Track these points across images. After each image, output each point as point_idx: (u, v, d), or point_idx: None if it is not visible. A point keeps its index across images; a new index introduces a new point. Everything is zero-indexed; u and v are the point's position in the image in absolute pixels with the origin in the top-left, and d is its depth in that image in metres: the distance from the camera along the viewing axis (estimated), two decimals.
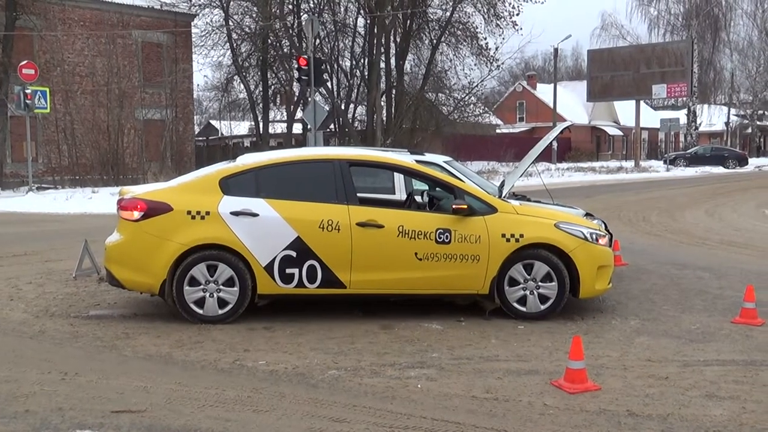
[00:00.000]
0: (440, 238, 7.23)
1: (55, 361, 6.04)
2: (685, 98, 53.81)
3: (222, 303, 7.18)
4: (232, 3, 38.13)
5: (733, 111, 68.62)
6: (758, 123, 71.34)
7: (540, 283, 7.41)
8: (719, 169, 46.96)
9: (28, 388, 5.27)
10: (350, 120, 39.61)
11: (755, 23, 64.04)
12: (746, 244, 13.75)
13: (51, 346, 6.57)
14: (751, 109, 69.29)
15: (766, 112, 70.88)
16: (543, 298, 7.42)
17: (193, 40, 37.52)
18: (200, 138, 51.75)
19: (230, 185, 7.33)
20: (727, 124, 69.01)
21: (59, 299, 8.46)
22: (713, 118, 68.86)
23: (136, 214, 7.23)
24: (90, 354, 6.32)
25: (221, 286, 7.15)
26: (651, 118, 64.13)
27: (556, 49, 57.37)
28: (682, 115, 58.34)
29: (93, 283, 9.26)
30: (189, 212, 7.17)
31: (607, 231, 8.52)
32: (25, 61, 25.18)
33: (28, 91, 24.05)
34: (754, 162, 54.67)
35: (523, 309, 7.42)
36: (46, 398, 5.05)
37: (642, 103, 53.69)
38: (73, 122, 29.64)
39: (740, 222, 17.84)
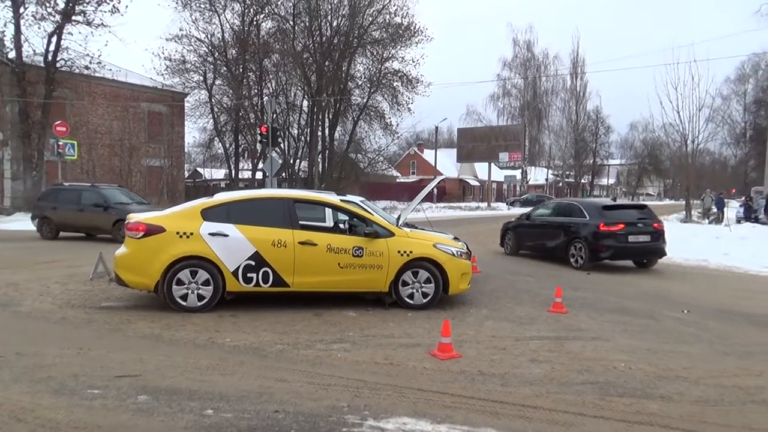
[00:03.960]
0: (356, 253, 7.23)
1: (72, 339, 5.70)
2: (519, 162, 55.81)
3: (200, 297, 6.95)
4: (214, 86, 37.54)
5: (550, 171, 71.54)
6: (566, 180, 74.65)
7: (423, 285, 7.48)
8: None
9: (51, 359, 4.97)
10: (296, 170, 39.26)
11: (564, 115, 67.15)
12: (555, 260, 14.24)
13: (70, 329, 6.20)
14: (561, 170, 72.45)
15: (569, 173, 74.21)
16: (425, 295, 7.50)
17: (185, 110, 36.64)
18: (189, 180, 49.99)
19: (209, 214, 7.14)
20: (546, 179, 71.91)
21: (78, 295, 7.98)
22: (537, 175, 71.63)
23: (139, 234, 6.96)
24: (100, 334, 5.99)
25: (200, 286, 6.94)
26: (498, 175, 66.09)
27: (436, 127, 58.81)
28: (518, 173, 60.39)
29: (105, 283, 8.78)
30: (178, 233, 6.94)
31: (468, 249, 8.71)
32: (59, 121, 23.98)
33: (60, 143, 22.89)
34: None
35: (411, 302, 7.47)
36: (65, 367, 4.77)
37: (492, 164, 55.30)
38: (94, 166, 28.37)
39: None
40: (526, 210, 14.63)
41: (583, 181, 79.48)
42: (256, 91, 38.25)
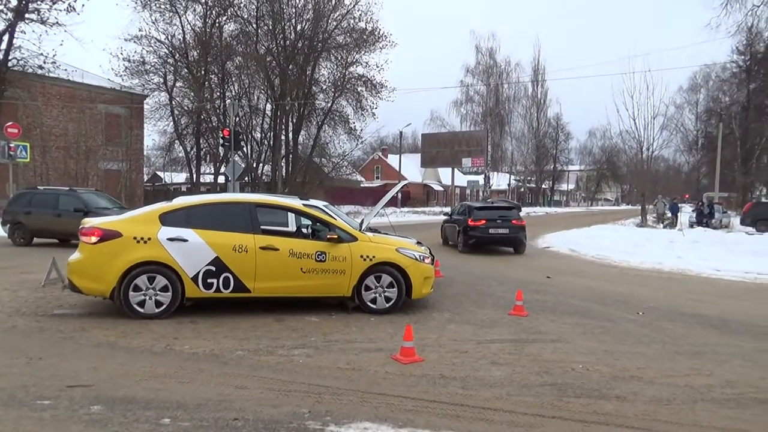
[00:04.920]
0: (319, 257, 7.20)
1: (22, 349, 5.48)
2: (482, 167, 56.55)
3: (158, 304, 6.79)
4: (174, 88, 36.82)
5: (512, 177, 72.77)
6: (528, 185, 76.05)
7: (386, 289, 7.49)
8: None
9: None
10: (260, 175, 38.82)
11: (526, 121, 68.57)
12: (517, 262, 14.52)
13: (20, 338, 5.96)
14: (523, 176, 73.79)
15: (531, 178, 75.62)
16: (387, 299, 7.51)
17: (144, 113, 35.76)
18: (148, 184, 48.81)
19: (167, 218, 6.99)
20: (508, 185, 73.08)
21: (29, 302, 7.68)
22: (500, 180, 72.73)
23: (94, 239, 6.76)
24: (52, 343, 5.78)
25: (158, 292, 6.78)
26: (461, 180, 66.70)
27: (401, 132, 59.16)
28: (480, 179, 61.06)
29: (58, 290, 8.48)
30: (135, 238, 6.77)
31: (431, 254, 8.75)
32: (10, 123, 23.08)
33: (12, 145, 21.98)
34: (525, 209, 57.98)
35: (374, 306, 7.47)
36: (14, 378, 4.58)
37: (455, 169, 55.89)
38: (48, 170, 27.36)
39: None
40: None
41: (544, 186, 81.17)
42: (218, 93, 37.66)
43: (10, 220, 15.97)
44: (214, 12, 36.04)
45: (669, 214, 31.99)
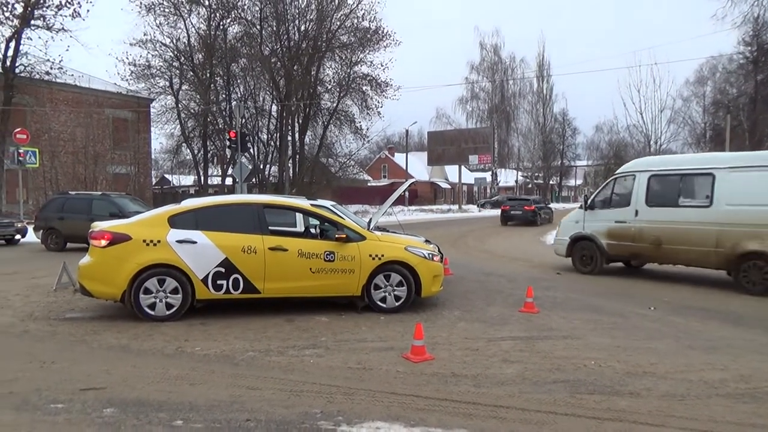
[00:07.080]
0: (327, 257, 7.19)
1: (35, 353, 5.51)
2: (489, 164, 56.37)
3: (169, 306, 6.82)
4: (180, 92, 36.96)
5: (520, 173, 72.47)
6: (535, 181, 75.72)
7: (395, 288, 7.48)
8: None
9: (12, 374, 4.79)
10: (267, 176, 38.92)
11: (532, 117, 68.09)
12: (527, 259, 14.46)
13: (33, 342, 5.99)
14: (531, 172, 73.47)
15: (538, 174, 75.27)
16: (397, 298, 7.50)
17: (151, 116, 35.97)
18: (156, 187, 49.08)
19: (176, 221, 7.01)
20: (516, 181, 72.81)
21: (41, 306, 7.74)
22: (507, 177, 72.52)
23: (103, 242, 6.79)
24: (64, 347, 5.81)
25: (168, 294, 6.80)
26: (468, 177, 66.68)
27: (407, 130, 59.02)
28: (488, 176, 61.01)
29: (69, 294, 8.54)
30: (144, 240, 6.79)
31: (440, 252, 8.73)
32: (19, 129, 23.29)
33: (21, 151, 22.22)
34: None
35: (384, 305, 7.46)
36: (26, 382, 4.61)
37: (462, 167, 55.72)
38: (57, 174, 27.55)
39: (523, 245, 18.76)
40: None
41: (552, 182, 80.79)
42: (224, 96, 37.79)
43: (43, 226, 16.14)
44: (218, 14, 36.16)
45: None
